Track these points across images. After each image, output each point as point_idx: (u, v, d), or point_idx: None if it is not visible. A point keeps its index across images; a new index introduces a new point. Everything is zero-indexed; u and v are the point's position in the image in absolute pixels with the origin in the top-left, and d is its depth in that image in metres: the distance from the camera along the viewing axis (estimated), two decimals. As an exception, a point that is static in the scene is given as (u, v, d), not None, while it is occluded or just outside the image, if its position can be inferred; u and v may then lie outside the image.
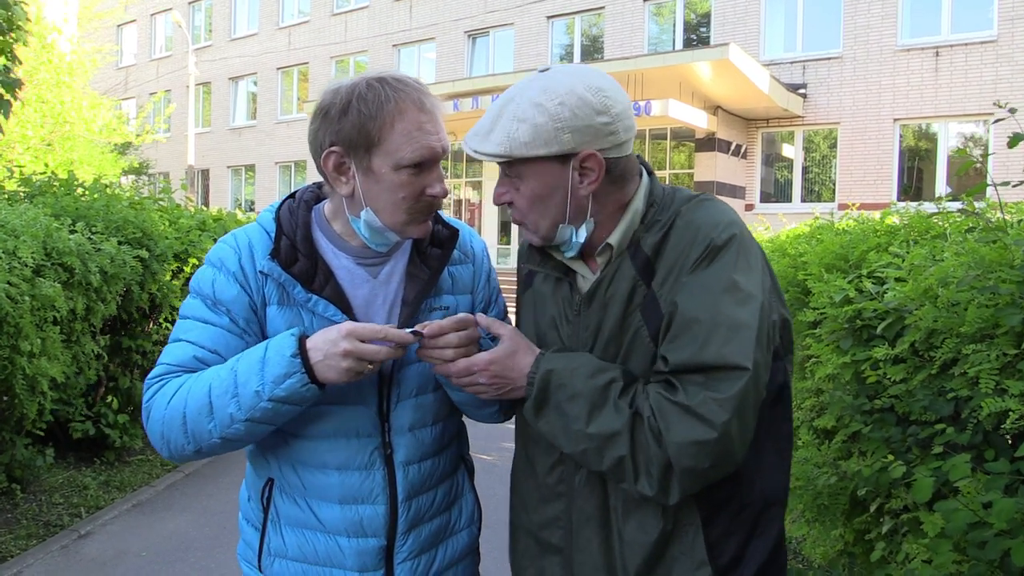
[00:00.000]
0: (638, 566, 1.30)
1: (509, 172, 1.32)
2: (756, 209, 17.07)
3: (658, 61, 15.32)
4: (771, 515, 1.35)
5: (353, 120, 1.29)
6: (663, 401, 1.20)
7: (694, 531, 1.29)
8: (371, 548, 1.41)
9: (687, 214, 1.31)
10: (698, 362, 1.19)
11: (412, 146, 1.29)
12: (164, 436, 1.31)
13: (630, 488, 1.24)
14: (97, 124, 15.04)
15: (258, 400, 1.24)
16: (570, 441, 1.27)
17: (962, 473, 1.65)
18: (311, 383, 1.24)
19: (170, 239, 5.16)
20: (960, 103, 15.03)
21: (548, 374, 1.30)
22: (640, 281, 1.30)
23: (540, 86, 1.27)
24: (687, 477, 1.19)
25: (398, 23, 23.25)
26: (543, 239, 1.36)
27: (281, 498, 1.44)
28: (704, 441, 1.16)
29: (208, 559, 3.83)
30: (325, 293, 1.37)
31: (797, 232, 4.59)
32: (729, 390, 1.17)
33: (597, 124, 1.26)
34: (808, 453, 2.65)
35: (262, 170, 26.64)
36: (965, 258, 1.92)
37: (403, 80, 1.33)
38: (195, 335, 1.36)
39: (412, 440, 1.43)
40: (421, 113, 1.31)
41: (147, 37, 30.68)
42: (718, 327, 1.19)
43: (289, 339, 1.26)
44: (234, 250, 1.40)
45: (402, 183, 1.31)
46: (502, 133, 1.27)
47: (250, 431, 1.28)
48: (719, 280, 1.22)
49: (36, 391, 3.80)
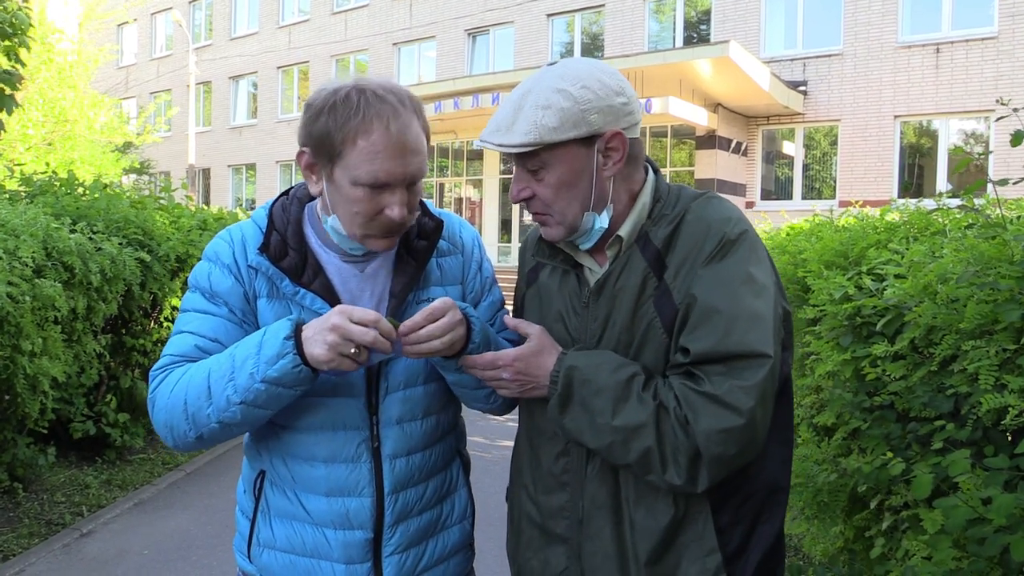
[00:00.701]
0: (649, 553, 1.32)
1: (531, 165, 1.32)
2: (757, 206, 17.06)
3: (658, 59, 15.30)
4: (775, 502, 1.37)
5: (321, 127, 1.30)
6: (688, 391, 1.23)
7: (704, 518, 1.32)
8: (357, 540, 1.41)
9: (697, 210, 1.34)
10: (722, 351, 1.21)
11: (367, 167, 1.28)
12: (168, 424, 1.33)
13: (657, 480, 1.26)
14: (98, 123, 15.05)
15: (252, 382, 1.25)
16: (596, 436, 1.29)
17: (962, 469, 1.65)
18: (303, 365, 1.24)
19: (172, 240, 5.16)
20: (961, 100, 15.01)
21: (571, 371, 1.31)
22: (651, 273, 1.32)
23: (556, 74, 1.30)
24: (715, 464, 1.21)
25: (398, 21, 23.25)
26: (569, 229, 1.36)
27: (271, 490, 1.45)
28: (732, 428, 1.19)
29: (210, 557, 3.84)
30: (314, 287, 1.38)
31: (797, 227, 4.59)
32: (753, 377, 1.20)
33: (617, 104, 1.30)
34: (808, 450, 2.65)
35: (263, 169, 26.64)
36: (964, 254, 1.92)
37: (384, 95, 1.30)
38: (195, 325, 1.39)
39: (400, 433, 1.43)
40: (386, 135, 1.28)
41: (147, 36, 30.70)
42: (739, 317, 1.22)
43: (285, 323, 1.27)
44: (228, 244, 1.43)
45: (358, 199, 1.31)
46: (527, 122, 1.27)
47: (246, 415, 1.29)
48: (736, 273, 1.26)
49: (37, 390, 3.81)
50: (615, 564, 1.36)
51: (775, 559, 1.38)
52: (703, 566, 1.31)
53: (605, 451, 1.29)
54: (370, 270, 1.44)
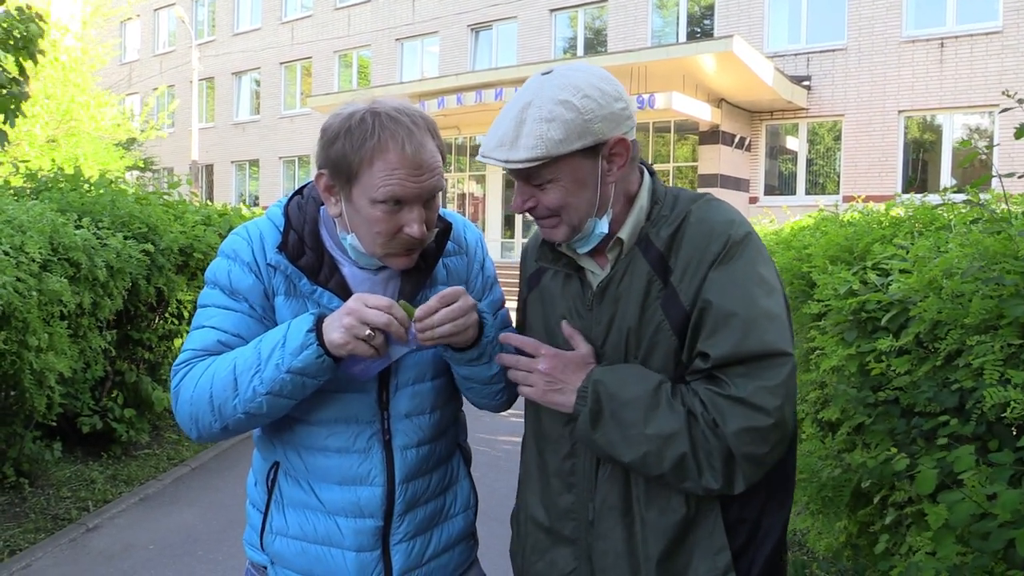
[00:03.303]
0: (660, 552, 1.33)
1: (536, 180, 1.32)
2: (760, 202, 17.04)
3: (662, 54, 15.28)
4: (779, 498, 1.39)
5: (338, 150, 1.33)
6: (714, 396, 1.24)
7: (714, 516, 1.33)
8: (368, 528, 1.46)
9: (699, 212, 1.35)
10: (743, 352, 1.23)
11: (386, 186, 1.31)
12: (193, 416, 1.37)
13: (694, 486, 1.27)
14: (104, 121, 15.07)
15: (278, 372, 1.30)
16: (630, 447, 1.28)
17: (966, 464, 1.65)
18: (325, 355, 1.29)
19: (175, 234, 5.17)
20: (965, 94, 14.96)
21: (598, 385, 1.32)
22: (655, 276, 1.33)
23: (555, 84, 1.29)
24: (749, 464, 1.23)
25: (401, 17, 23.22)
26: (573, 231, 1.36)
27: (286, 480, 1.50)
28: (761, 427, 1.21)
29: (215, 552, 3.85)
30: (330, 285, 1.43)
31: (801, 224, 4.59)
32: (777, 377, 1.22)
33: (617, 110, 1.31)
34: (812, 446, 2.65)
35: (266, 165, 26.66)
36: (970, 249, 1.92)
37: (398, 117, 1.33)
38: (216, 321, 1.43)
39: (410, 426, 1.48)
40: (402, 155, 1.31)
41: (150, 32, 30.70)
42: (756, 318, 1.24)
43: (308, 317, 1.32)
44: (247, 241, 1.46)
45: (377, 218, 1.34)
46: (533, 137, 1.27)
47: (272, 405, 1.34)
48: (748, 274, 1.27)
49: (44, 385, 3.83)
50: (626, 563, 1.36)
51: (780, 554, 1.39)
52: (713, 564, 1.32)
53: (639, 462, 1.29)
54: (383, 274, 1.48)
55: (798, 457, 2.56)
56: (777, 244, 4.42)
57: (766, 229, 6.70)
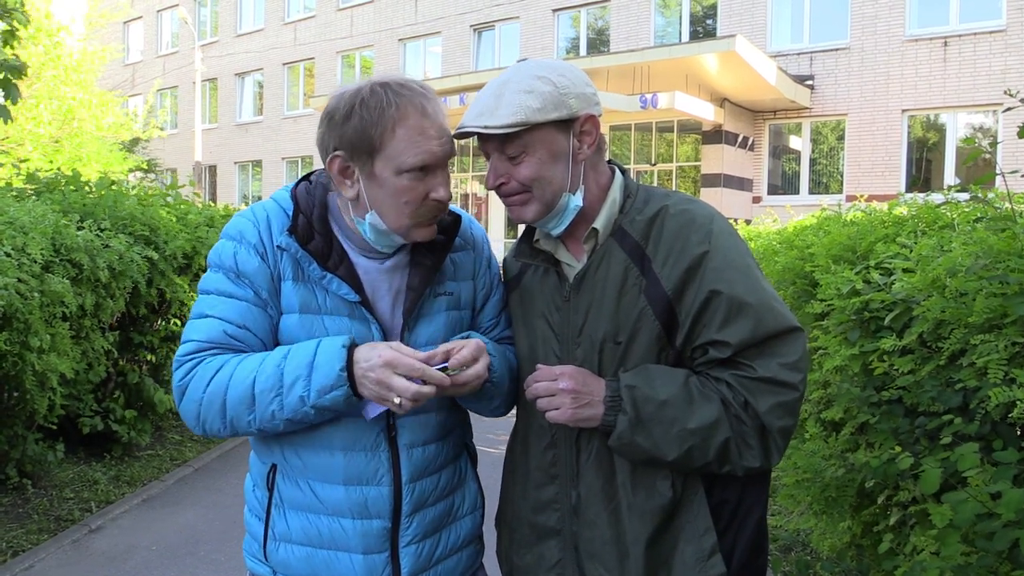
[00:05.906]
0: (648, 536, 1.35)
1: (511, 150, 1.37)
2: (764, 201, 17.01)
3: (664, 53, 15.25)
4: (758, 481, 1.42)
5: (355, 125, 1.32)
6: (741, 379, 1.30)
7: (699, 500, 1.37)
8: (375, 530, 1.42)
9: (677, 204, 1.41)
10: (762, 334, 1.30)
11: (414, 150, 1.31)
12: (200, 417, 1.35)
13: (735, 468, 1.32)
14: (106, 121, 15.07)
15: (302, 405, 1.30)
16: (675, 444, 1.31)
17: (970, 464, 1.65)
18: (354, 396, 1.30)
19: (180, 239, 5.16)
20: (969, 93, 14.91)
21: (633, 391, 1.34)
22: (632, 264, 1.38)
23: (532, 66, 1.39)
24: (782, 436, 1.31)
25: (404, 17, 23.23)
26: (546, 206, 1.40)
27: (284, 482, 1.46)
28: (789, 402, 1.30)
29: (217, 553, 3.85)
30: (339, 272, 1.40)
31: (804, 224, 4.58)
32: (796, 352, 1.31)
33: (588, 93, 1.40)
34: (816, 445, 2.64)
35: (269, 166, 26.67)
36: (973, 247, 1.91)
37: (407, 84, 1.35)
38: (222, 310, 1.38)
39: (416, 424, 1.46)
40: (423, 118, 1.33)
41: (153, 33, 30.73)
42: (767, 301, 1.32)
43: (340, 351, 1.30)
44: (253, 223, 1.42)
45: (405, 188, 1.34)
46: (512, 106, 1.33)
47: (287, 427, 1.34)
48: (744, 262, 1.35)
49: (46, 387, 3.82)
50: (613, 549, 1.38)
51: (761, 533, 1.42)
52: (699, 546, 1.35)
53: (683, 458, 1.32)
54: (389, 264, 1.46)
55: (801, 457, 2.56)
56: (780, 244, 4.41)
57: (769, 229, 6.68)
